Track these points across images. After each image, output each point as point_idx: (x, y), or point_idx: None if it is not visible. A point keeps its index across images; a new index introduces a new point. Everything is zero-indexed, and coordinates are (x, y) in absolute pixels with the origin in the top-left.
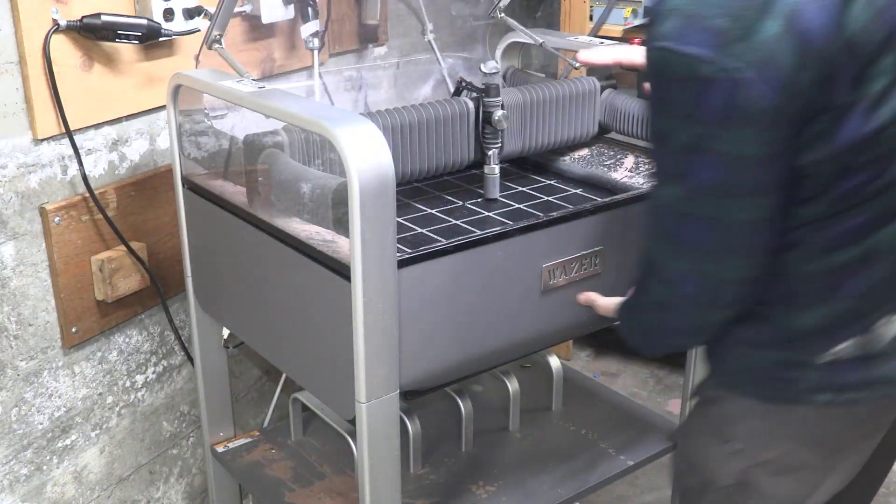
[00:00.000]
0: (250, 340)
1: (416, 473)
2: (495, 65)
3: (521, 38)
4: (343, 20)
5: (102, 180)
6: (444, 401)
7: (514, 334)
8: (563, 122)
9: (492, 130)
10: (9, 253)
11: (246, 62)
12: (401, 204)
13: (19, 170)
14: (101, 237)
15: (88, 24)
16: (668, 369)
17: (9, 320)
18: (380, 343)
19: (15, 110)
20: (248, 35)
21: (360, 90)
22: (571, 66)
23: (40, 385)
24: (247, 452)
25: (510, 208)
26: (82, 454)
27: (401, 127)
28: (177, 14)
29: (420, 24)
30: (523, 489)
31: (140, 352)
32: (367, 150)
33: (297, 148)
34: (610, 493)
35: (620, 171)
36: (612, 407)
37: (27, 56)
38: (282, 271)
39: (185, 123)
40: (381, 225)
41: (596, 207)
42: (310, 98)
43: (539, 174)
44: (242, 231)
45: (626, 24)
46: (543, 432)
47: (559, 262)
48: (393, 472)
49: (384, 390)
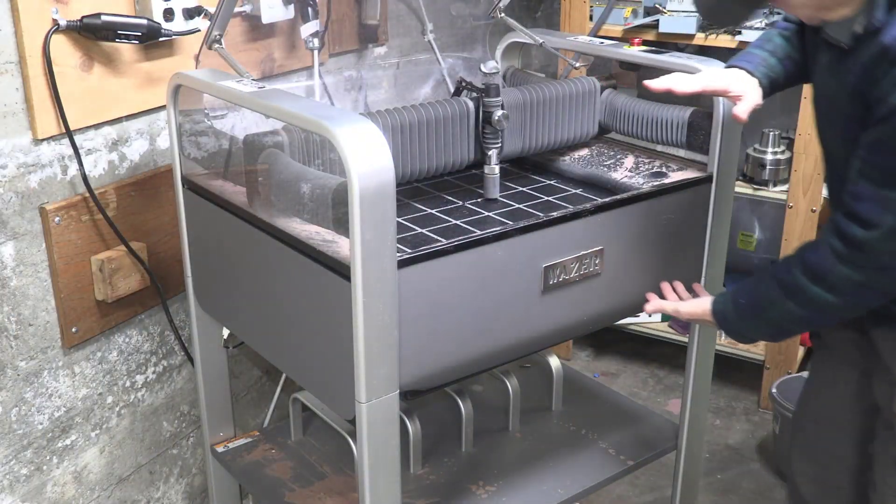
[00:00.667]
0: (250, 340)
1: (416, 473)
2: (495, 65)
3: (521, 38)
4: (343, 20)
5: (102, 180)
6: (444, 401)
7: (514, 334)
8: (563, 122)
9: (492, 130)
10: (9, 253)
11: (246, 62)
12: (401, 204)
13: (19, 170)
14: (101, 237)
15: (88, 24)
16: (668, 369)
17: (9, 320)
18: (380, 343)
19: (15, 110)
20: (248, 35)
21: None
22: (571, 66)
23: (40, 385)
24: (247, 452)
25: (510, 208)
26: (82, 454)
27: (401, 127)
28: (177, 14)
29: (420, 24)
30: (523, 489)
31: (140, 352)
32: (367, 150)
33: (297, 148)
34: (610, 493)
35: (620, 171)
36: (612, 407)
37: (27, 56)
38: (282, 271)
39: (185, 123)
40: (381, 225)
41: (596, 207)
42: (310, 98)
43: (539, 174)
44: (242, 231)
45: (626, 24)
46: (543, 432)
47: (559, 261)
48: (393, 472)
49: (384, 390)
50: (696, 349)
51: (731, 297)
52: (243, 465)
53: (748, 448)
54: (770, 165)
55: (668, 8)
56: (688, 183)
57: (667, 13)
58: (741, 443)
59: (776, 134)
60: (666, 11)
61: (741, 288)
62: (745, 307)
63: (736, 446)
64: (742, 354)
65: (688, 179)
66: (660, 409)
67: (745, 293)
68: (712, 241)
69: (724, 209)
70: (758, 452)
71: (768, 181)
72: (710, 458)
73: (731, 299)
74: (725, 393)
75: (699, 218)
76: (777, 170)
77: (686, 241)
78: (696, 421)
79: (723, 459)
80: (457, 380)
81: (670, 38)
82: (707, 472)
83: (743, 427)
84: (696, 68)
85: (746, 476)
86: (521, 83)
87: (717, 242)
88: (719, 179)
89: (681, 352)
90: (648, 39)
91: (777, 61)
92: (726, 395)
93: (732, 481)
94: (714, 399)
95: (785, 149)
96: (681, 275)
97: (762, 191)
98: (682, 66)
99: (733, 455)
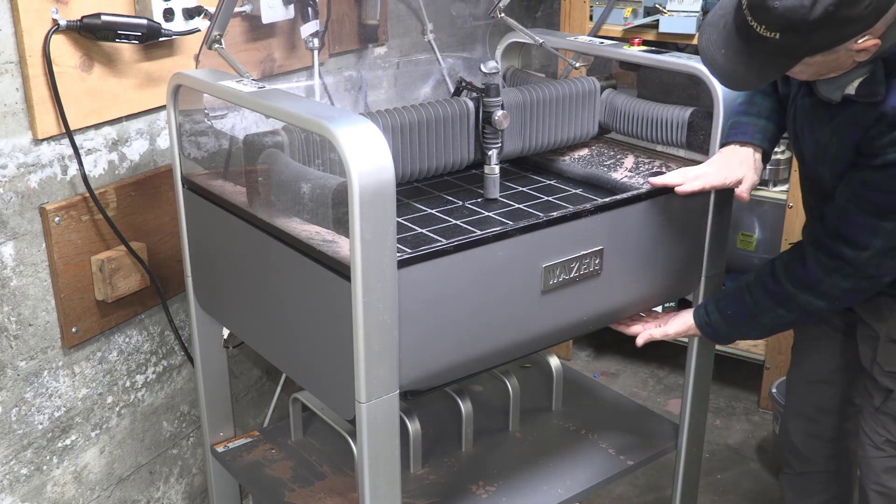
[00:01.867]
0: (250, 340)
1: (416, 473)
2: (495, 65)
3: (521, 38)
4: (343, 20)
5: (102, 180)
6: (444, 401)
7: (514, 334)
8: (563, 122)
9: (492, 130)
10: (9, 253)
11: (246, 62)
12: (401, 204)
13: (19, 170)
14: (101, 237)
15: (88, 24)
16: (668, 369)
17: (9, 320)
18: (380, 343)
19: (15, 110)
20: (248, 35)
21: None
22: (571, 66)
23: (40, 385)
24: (247, 452)
25: (510, 208)
26: (82, 454)
27: (401, 127)
28: (177, 14)
29: (420, 24)
30: (523, 489)
31: (140, 352)
32: (367, 150)
33: (297, 148)
34: (610, 493)
35: (620, 171)
36: (612, 407)
37: (27, 56)
38: (282, 271)
39: (185, 123)
40: (381, 225)
41: (596, 207)
42: (310, 98)
43: (539, 174)
44: (242, 231)
45: (626, 24)
46: (543, 432)
47: (559, 262)
48: (393, 472)
49: (384, 390)
50: (696, 349)
51: (716, 308)
52: (243, 465)
53: (748, 448)
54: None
55: (668, 8)
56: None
57: (667, 13)
58: (741, 443)
59: None
60: (666, 11)
61: (724, 299)
62: (734, 316)
63: (736, 446)
64: (742, 354)
65: None
66: (660, 409)
67: (732, 303)
68: (712, 241)
69: (724, 209)
70: (758, 452)
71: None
72: (710, 458)
73: (717, 309)
74: (725, 393)
75: (699, 218)
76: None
77: (686, 241)
78: (696, 421)
79: (723, 459)
80: (457, 380)
81: (670, 38)
82: (707, 472)
83: (743, 427)
84: (696, 68)
85: (746, 476)
86: (521, 83)
87: (717, 242)
88: None
89: (681, 352)
90: (648, 39)
91: (766, 121)
92: (726, 395)
93: (732, 481)
94: (714, 399)
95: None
96: (681, 275)
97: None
98: (681, 66)
99: (733, 455)
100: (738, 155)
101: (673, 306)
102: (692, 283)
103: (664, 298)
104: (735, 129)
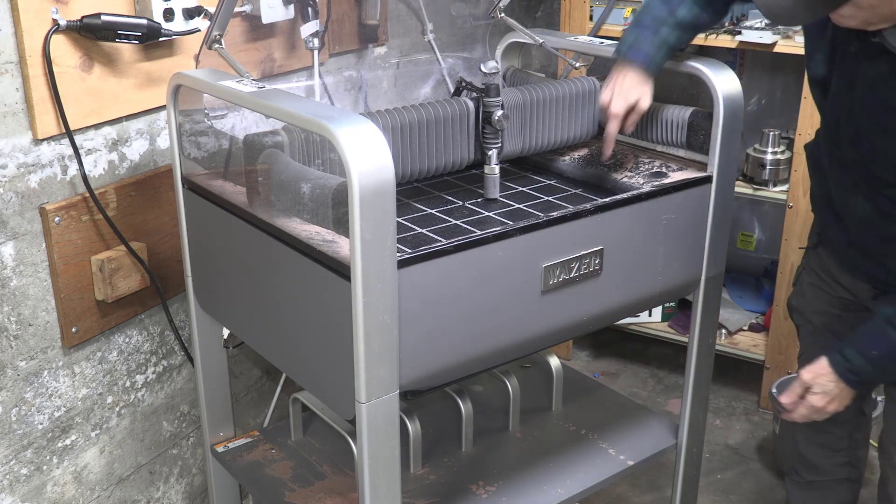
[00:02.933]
0: (250, 340)
1: (416, 473)
2: (495, 65)
3: (521, 38)
4: (343, 20)
5: (102, 180)
6: (444, 401)
7: (514, 334)
8: (563, 122)
9: (492, 130)
10: (9, 253)
11: (246, 62)
12: (401, 204)
13: (19, 170)
14: (101, 237)
15: (88, 24)
16: (668, 369)
17: (9, 320)
18: (380, 343)
19: (15, 110)
20: (248, 35)
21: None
22: (571, 66)
23: (40, 385)
24: (247, 452)
25: (510, 208)
26: (82, 454)
27: (401, 127)
28: (177, 14)
29: (420, 24)
30: (523, 489)
31: (140, 352)
32: (367, 150)
33: (297, 148)
34: (610, 493)
35: (620, 171)
36: (612, 407)
37: (27, 56)
38: (282, 271)
39: (185, 123)
40: (381, 225)
41: (596, 207)
42: (310, 98)
43: (539, 174)
44: (242, 231)
45: (626, 24)
46: (543, 432)
47: (559, 262)
48: (393, 472)
49: (384, 390)
50: (696, 349)
51: (860, 352)
52: (243, 465)
53: (748, 448)
54: (770, 165)
55: None
56: (688, 183)
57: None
58: (741, 443)
59: (776, 134)
60: None
61: (863, 341)
62: (881, 357)
63: (736, 446)
64: (742, 354)
65: (688, 179)
66: (660, 409)
67: (875, 344)
68: (712, 242)
69: (724, 209)
70: (758, 452)
71: (768, 181)
72: (710, 458)
73: (860, 353)
74: (725, 393)
75: (699, 218)
76: (777, 170)
77: (686, 241)
78: (696, 421)
79: (723, 459)
80: (457, 380)
81: None
82: (707, 472)
83: (743, 427)
84: (696, 68)
85: (746, 476)
86: (521, 83)
87: (717, 242)
88: (719, 179)
89: (681, 352)
90: None
91: (664, 37)
92: (726, 395)
93: (732, 481)
94: (714, 399)
95: (785, 149)
96: (681, 275)
97: (762, 191)
98: (681, 66)
99: (733, 455)
100: (633, 79)
101: (673, 306)
102: (692, 284)
103: (664, 299)
104: (633, 48)
